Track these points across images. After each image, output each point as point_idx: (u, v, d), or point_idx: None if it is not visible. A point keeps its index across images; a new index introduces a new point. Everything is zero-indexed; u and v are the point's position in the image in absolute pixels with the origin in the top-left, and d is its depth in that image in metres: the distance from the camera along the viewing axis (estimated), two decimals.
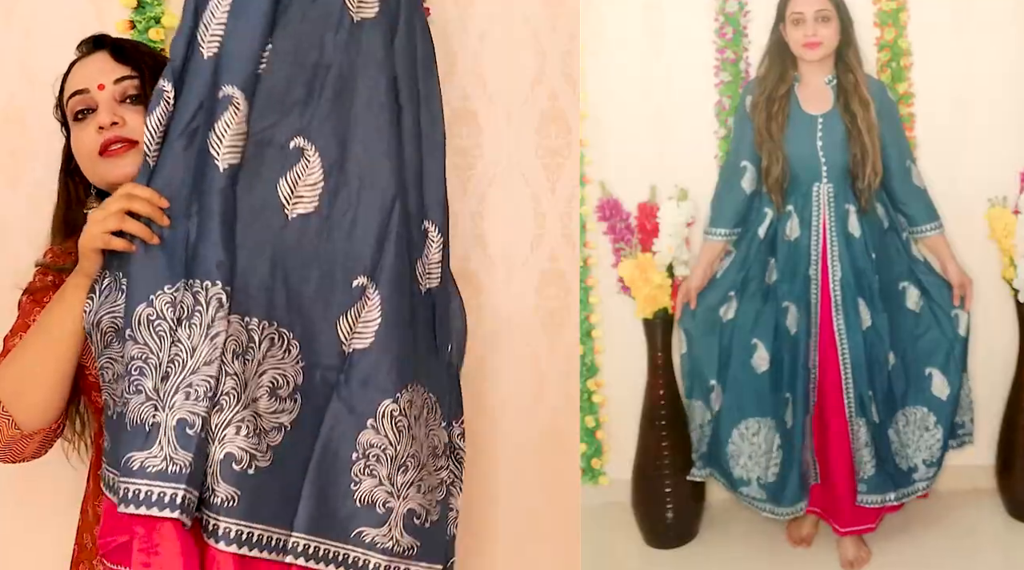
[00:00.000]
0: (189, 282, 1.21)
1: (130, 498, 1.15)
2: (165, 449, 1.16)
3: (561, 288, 1.96)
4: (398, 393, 1.31)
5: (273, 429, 1.25)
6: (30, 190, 1.76)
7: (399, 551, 1.29)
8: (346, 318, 1.31)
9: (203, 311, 1.20)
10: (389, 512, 1.29)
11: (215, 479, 1.19)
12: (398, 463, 1.30)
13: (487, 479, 1.90)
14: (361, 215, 1.33)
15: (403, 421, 1.31)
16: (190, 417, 1.17)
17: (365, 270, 1.32)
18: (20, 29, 1.78)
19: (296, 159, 1.30)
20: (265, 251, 1.27)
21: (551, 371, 1.95)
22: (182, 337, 1.19)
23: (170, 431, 1.16)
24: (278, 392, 1.26)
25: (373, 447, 1.29)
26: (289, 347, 1.28)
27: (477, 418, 1.90)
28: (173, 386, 1.18)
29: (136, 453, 1.16)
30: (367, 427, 1.29)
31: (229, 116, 1.25)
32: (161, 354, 1.19)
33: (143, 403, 1.17)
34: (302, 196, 1.30)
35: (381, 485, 1.29)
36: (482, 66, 1.93)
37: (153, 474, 1.15)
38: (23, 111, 1.76)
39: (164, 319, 1.20)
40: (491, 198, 1.93)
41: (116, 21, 1.77)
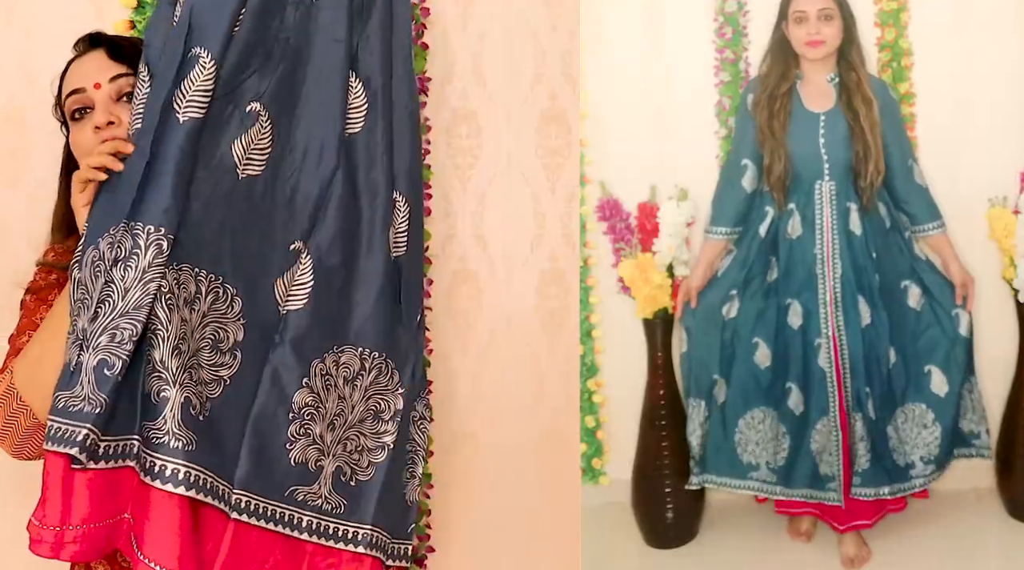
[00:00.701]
0: (131, 224, 1.22)
1: (51, 435, 1.16)
2: (85, 388, 1.16)
3: (561, 288, 1.96)
4: (325, 353, 1.35)
5: (213, 381, 1.28)
6: (30, 190, 1.77)
7: (328, 510, 1.33)
8: (283, 280, 1.36)
9: (140, 254, 1.21)
10: (319, 471, 1.33)
11: (176, 423, 1.21)
12: (327, 421, 1.34)
13: (487, 479, 1.90)
14: (302, 182, 1.38)
15: (331, 380, 1.35)
16: (110, 358, 1.17)
17: (302, 235, 1.36)
18: (20, 29, 1.78)
19: (252, 122, 1.34)
20: (217, 207, 1.30)
21: (551, 371, 1.95)
22: (115, 278, 1.20)
23: (90, 371, 1.17)
24: (219, 346, 1.29)
25: (307, 406, 1.33)
26: (232, 303, 1.31)
27: (477, 418, 1.90)
28: (100, 326, 1.19)
29: (62, 391, 1.17)
30: (302, 386, 1.33)
31: (195, 73, 1.27)
32: (94, 295, 1.20)
33: (72, 342, 1.19)
34: (252, 159, 1.34)
35: (314, 443, 1.33)
36: (482, 66, 1.93)
37: (72, 413, 1.16)
38: (23, 111, 1.77)
39: (103, 260, 1.22)
40: (491, 198, 1.93)
41: (116, 21, 1.77)
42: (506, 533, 1.92)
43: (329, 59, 1.40)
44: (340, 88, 1.40)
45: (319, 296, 1.36)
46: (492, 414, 1.91)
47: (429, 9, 1.88)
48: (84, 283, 1.22)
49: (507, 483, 1.92)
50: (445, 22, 1.90)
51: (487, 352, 1.92)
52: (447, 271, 1.91)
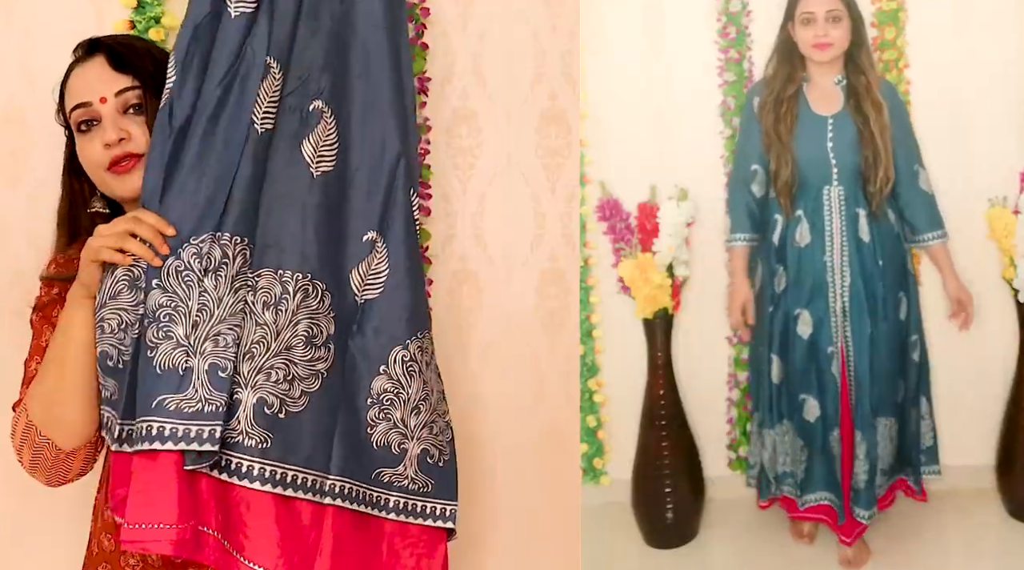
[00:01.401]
0: (217, 235, 1.26)
1: (167, 436, 1.20)
2: (200, 391, 1.22)
3: (561, 288, 1.96)
4: (408, 340, 1.38)
5: (310, 376, 1.32)
6: (30, 190, 1.77)
7: (414, 489, 1.37)
8: (358, 270, 1.38)
9: (229, 264, 1.26)
10: (404, 453, 1.37)
11: (248, 423, 1.26)
12: (411, 406, 1.37)
13: (487, 479, 1.90)
14: (371, 172, 1.40)
15: (414, 366, 1.38)
16: (222, 362, 1.23)
17: (374, 225, 1.39)
18: (20, 29, 1.78)
19: (317, 121, 1.37)
20: (295, 208, 1.34)
21: (551, 371, 1.95)
22: (208, 287, 1.25)
23: (203, 375, 1.22)
24: (313, 341, 1.32)
25: (386, 392, 1.36)
26: (323, 297, 1.34)
27: (477, 418, 1.90)
28: (204, 333, 1.24)
29: (171, 395, 1.21)
30: (380, 373, 1.36)
31: (268, 84, 1.31)
32: (190, 303, 1.24)
33: (174, 348, 1.22)
34: (323, 155, 1.37)
35: (395, 427, 1.36)
36: (482, 66, 1.93)
37: (189, 414, 1.21)
38: (23, 111, 1.77)
39: (192, 270, 1.25)
40: (491, 198, 1.93)
41: (116, 21, 1.77)
42: (506, 533, 1.92)
43: (380, 45, 1.42)
44: (393, 69, 1.43)
45: (395, 285, 1.39)
46: (492, 414, 1.91)
47: (429, 9, 1.88)
48: (172, 291, 1.24)
49: (507, 483, 1.92)
50: (445, 22, 1.90)
51: (487, 352, 1.92)
52: (447, 271, 1.91)
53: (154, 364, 1.22)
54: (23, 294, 1.69)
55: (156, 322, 1.23)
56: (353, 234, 1.39)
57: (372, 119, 1.41)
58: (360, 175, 1.40)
